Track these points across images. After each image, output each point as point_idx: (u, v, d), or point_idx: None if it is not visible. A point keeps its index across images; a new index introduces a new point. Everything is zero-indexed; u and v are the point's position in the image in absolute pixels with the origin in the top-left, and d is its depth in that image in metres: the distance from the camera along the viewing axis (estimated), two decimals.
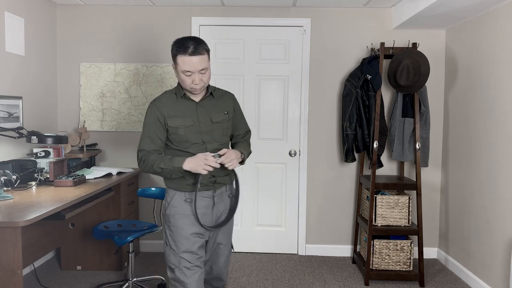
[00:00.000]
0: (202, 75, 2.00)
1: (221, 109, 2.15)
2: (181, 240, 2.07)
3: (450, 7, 3.09)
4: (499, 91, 3.02)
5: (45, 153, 3.15)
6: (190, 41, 1.99)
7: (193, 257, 2.07)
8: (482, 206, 3.23)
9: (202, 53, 1.98)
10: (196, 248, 2.08)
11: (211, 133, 2.11)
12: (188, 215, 2.09)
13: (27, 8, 3.43)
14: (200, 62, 1.97)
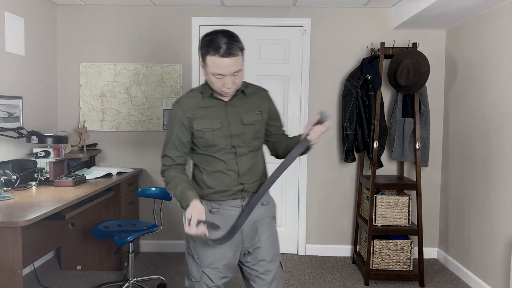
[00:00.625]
0: (235, 77, 1.73)
1: (253, 109, 1.87)
2: (204, 253, 1.87)
3: (450, 7, 3.09)
4: (499, 91, 3.02)
5: (45, 153, 3.15)
6: (223, 38, 1.68)
7: (216, 275, 1.85)
8: (482, 206, 3.23)
9: (236, 54, 1.68)
10: (222, 265, 1.85)
11: (242, 137, 1.84)
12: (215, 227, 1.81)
13: (27, 8, 3.43)
14: (233, 65, 1.69)
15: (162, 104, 3.96)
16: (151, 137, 4.00)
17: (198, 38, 3.92)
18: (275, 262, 1.93)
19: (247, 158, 1.86)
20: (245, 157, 1.85)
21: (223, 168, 1.83)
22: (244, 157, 1.85)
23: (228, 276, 1.90)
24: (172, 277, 3.46)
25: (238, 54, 1.70)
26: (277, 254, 1.95)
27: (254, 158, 1.89)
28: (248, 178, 1.85)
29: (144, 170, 4.01)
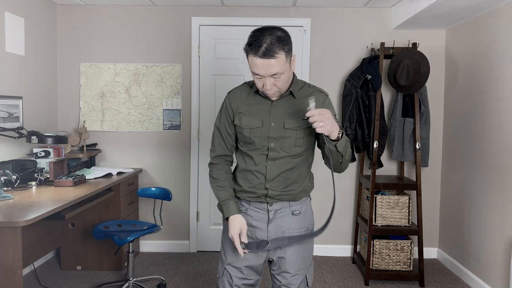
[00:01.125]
0: (276, 79, 1.63)
1: (300, 113, 1.72)
2: (228, 250, 1.85)
3: (450, 7, 3.09)
4: (499, 91, 3.02)
5: (45, 153, 3.15)
6: (265, 37, 1.57)
7: (238, 274, 1.83)
8: (482, 206, 3.23)
9: (276, 56, 1.57)
10: (243, 266, 1.82)
11: (281, 141, 1.74)
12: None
13: (27, 8, 3.43)
14: (271, 66, 1.58)
15: (162, 104, 3.96)
16: (151, 137, 4.00)
17: (198, 38, 3.92)
18: (299, 276, 1.84)
19: (281, 164, 1.76)
20: (278, 162, 1.76)
21: (253, 168, 1.79)
22: (276, 162, 1.76)
23: (250, 279, 1.86)
24: (172, 277, 3.46)
25: (278, 56, 1.57)
26: (303, 269, 1.85)
27: (290, 165, 1.77)
28: (276, 185, 1.77)
29: (144, 170, 4.01)
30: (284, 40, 1.60)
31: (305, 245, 1.87)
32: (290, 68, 1.66)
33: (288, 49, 1.61)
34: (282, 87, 1.68)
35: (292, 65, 1.68)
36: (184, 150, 4.00)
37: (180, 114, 3.97)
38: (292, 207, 1.82)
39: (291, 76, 1.69)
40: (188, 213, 4.04)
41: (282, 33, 1.62)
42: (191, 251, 4.05)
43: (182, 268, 3.65)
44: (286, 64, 1.62)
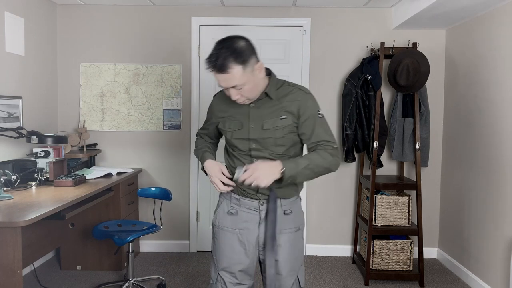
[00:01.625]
0: (239, 90, 1.65)
1: (278, 113, 1.74)
2: (221, 256, 1.85)
3: (450, 7, 3.09)
4: (499, 91, 3.02)
5: (45, 153, 3.14)
6: (221, 51, 1.59)
7: (232, 279, 1.83)
8: (482, 206, 3.23)
9: (229, 71, 1.59)
10: (237, 271, 1.83)
11: (262, 142, 1.76)
12: (231, 229, 1.84)
13: (27, 8, 3.43)
14: (229, 80, 1.61)
15: (162, 104, 3.96)
16: (151, 137, 4.00)
17: (198, 38, 3.92)
18: (291, 277, 1.83)
19: None
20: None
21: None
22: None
23: (244, 284, 1.87)
24: (172, 277, 3.46)
25: (232, 70, 1.58)
26: (294, 269, 1.85)
27: None
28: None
29: (144, 170, 4.01)
30: (240, 53, 1.59)
31: (296, 246, 1.87)
32: (254, 77, 1.66)
33: (244, 61, 1.60)
34: (249, 96, 1.70)
35: (260, 73, 1.69)
36: (184, 150, 4.00)
37: (180, 114, 3.97)
38: (284, 206, 1.82)
39: (258, 83, 1.70)
40: (188, 213, 4.04)
41: (241, 44, 1.62)
42: (191, 251, 4.05)
43: (182, 268, 3.65)
44: (245, 75, 1.62)
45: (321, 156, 1.71)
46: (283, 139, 1.76)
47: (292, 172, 1.65)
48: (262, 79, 1.72)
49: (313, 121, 1.76)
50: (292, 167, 1.65)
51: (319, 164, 1.70)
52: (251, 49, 1.64)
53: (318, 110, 1.78)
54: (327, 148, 1.74)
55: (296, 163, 1.67)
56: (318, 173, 1.72)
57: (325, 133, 1.77)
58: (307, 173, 1.69)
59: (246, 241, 1.82)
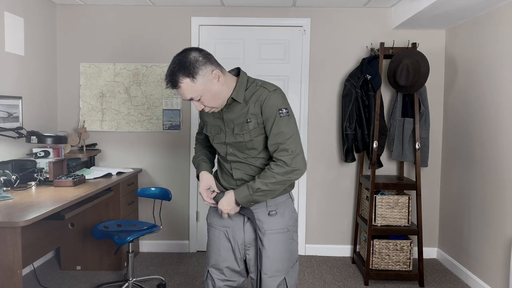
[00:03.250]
0: (198, 101, 1.68)
1: (245, 116, 1.72)
2: (210, 253, 1.91)
3: (450, 7, 3.09)
4: (499, 91, 3.02)
5: (44, 153, 3.14)
6: (171, 66, 1.62)
7: (220, 276, 1.86)
8: (482, 206, 3.23)
9: (178, 85, 1.62)
10: (225, 267, 1.86)
11: (236, 146, 1.77)
12: (218, 227, 1.88)
13: (26, 8, 3.43)
14: (183, 93, 1.64)
15: (161, 104, 3.96)
16: (151, 137, 4.00)
17: (198, 38, 3.92)
18: (276, 278, 1.80)
19: (243, 166, 1.80)
20: (240, 165, 1.81)
21: (225, 170, 1.87)
22: (239, 165, 1.81)
23: (234, 280, 1.88)
24: (172, 277, 3.46)
25: (181, 84, 1.60)
26: (280, 271, 1.81)
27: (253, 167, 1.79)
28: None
29: (144, 170, 4.01)
30: (187, 66, 1.59)
31: (283, 247, 1.82)
32: (212, 85, 1.64)
33: (192, 73, 1.60)
34: (212, 104, 1.69)
35: (218, 81, 1.66)
36: (184, 150, 4.00)
37: (179, 114, 3.97)
38: (269, 207, 1.80)
39: (218, 91, 1.67)
40: (188, 213, 4.04)
41: (191, 56, 1.61)
42: (191, 251, 4.05)
43: (182, 268, 3.65)
44: (197, 87, 1.62)
45: (272, 174, 1.68)
46: (252, 143, 1.74)
47: (245, 199, 1.71)
48: (222, 85, 1.68)
49: (272, 121, 1.69)
50: (244, 195, 1.70)
51: (271, 182, 1.69)
52: (202, 60, 1.62)
53: (281, 109, 1.69)
54: (278, 162, 1.69)
55: (249, 188, 1.70)
56: (276, 189, 1.72)
57: (282, 136, 1.68)
58: (262, 194, 1.70)
59: (232, 239, 1.85)
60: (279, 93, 1.73)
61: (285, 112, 1.69)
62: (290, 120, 1.71)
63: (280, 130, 1.69)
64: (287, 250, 1.83)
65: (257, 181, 1.70)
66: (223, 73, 1.70)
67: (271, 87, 1.73)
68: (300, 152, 1.72)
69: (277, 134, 1.69)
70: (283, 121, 1.69)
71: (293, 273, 1.87)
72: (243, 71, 1.79)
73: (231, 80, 1.73)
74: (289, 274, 1.84)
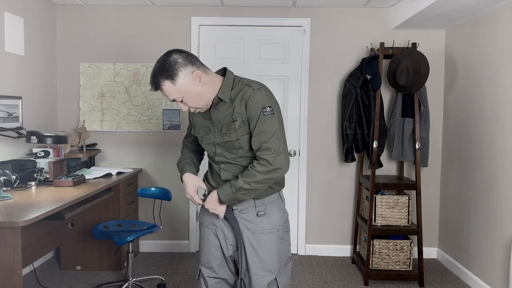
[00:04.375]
0: (181, 102, 1.70)
1: (231, 115, 1.72)
2: (201, 252, 1.92)
3: (450, 7, 3.09)
4: (499, 91, 3.02)
5: (44, 153, 3.14)
6: (154, 68, 1.67)
7: (211, 274, 1.88)
8: (482, 206, 3.23)
9: (160, 87, 1.65)
10: (215, 265, 1.87)
11: (224, 145, 1.78)
12: (208, 226, 1.88)
13: (26, 8, 3.43)
14: (166, 95, 1.68)
15: (161, 104, 3.96)
16: (151, 137, 4.00)
17: (198, 38, 3.92)
18: (266, 278, 1.79)
19: (230, 167, 1.80)
20: (228, 166, 1.80)
21: (214, 171, 1.88)
22: (226, 165, 1.80)
23: (225, 279, 1.89)
24: (172, 277, 3.46)
25: (162, 86, 1.64)
26: (270, 271, 1.80)
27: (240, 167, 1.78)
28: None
29: (144, 170, 4.01)
30: (167, 68, 1.62)
31: (271, 247, 1.81)
32: (194, 86, 1.66)
33: (172, 75, 1.62)
34: (197, 105, 1.71)
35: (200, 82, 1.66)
36: None
37: (179, 114, 3.97)
38: (258, 207, 1.80)
39: (201, 92, 1.68)
40: (188, 213, 4.04)
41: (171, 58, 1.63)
42: (190, 251, 4.05)
43: (182, 268, 3.65)
44: (178, 88, 1.64)
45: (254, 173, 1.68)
46: (239, 142, 1.73)
47: (228, 197, 1.72)
48: (204, 86, 1.68)
49: (256, 120, 1.69)
50: (227, 193, 1.71)
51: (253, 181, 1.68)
52: (181, 61, 1.64)
53: (265, 107, 1.68)
54: (260, 161, 1.68)
55: (232, 187, 1.70)
56: (259, 188, 1.71)
57: (265, 135, 1.68)
58: (245, 192, 1.70)
59: (221, 237, 1.85)
60: (264, 91, 1.72)
61: (269, 110, 1.69)
62: (273, 118, 1.70)
63: (263, 129, 1.68)
64: (277, 250, 1.82)
65: (240, 180, 1.69)
66: (207, 74, 1.70)
67: (256, 85, 1.73)
68: (283, 151, 1.71)
69: (260, 132, 1.68)
70: (267, 119, 1.68)
71: (285, 273, 1.86)
72: (229, 71, 1.78)
73: (216, 80, 1.73)
74: (280, 274, 1.84)
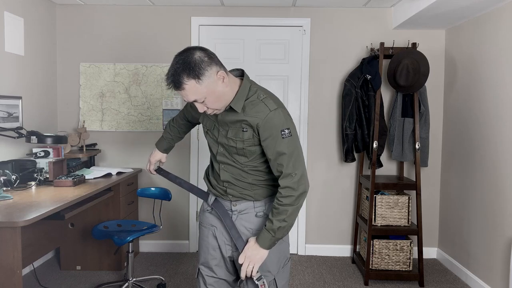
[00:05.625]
0: (202, 103, 1.61)
1: (241, 124, 1.67)
2: (200, 251, 1.91)
3: (450, 7, 3.09)
4: (499, 91, 3.02)
5: (44, 153, 3.14)
6: (174, 66, 1.55)
7: (210, 273, 1.86)
8: (482, 206, 3.23)
9: (183, 87, 1.54)
10: (214, 265, 1.85)
11: (227, 148, 1.74)
12: (207, 226, 1.87)
13: (26, 8, 3.43)
14: (187, 95, 1.57)
15: (161, 104, 3.96)
16: (151, 137, 3.99)
17: (198, 38, 3.92)
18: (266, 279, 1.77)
19: (231, 169, 1.77)
20: (228, 167, 1.77)
21: (215, 169, 1.85)
22: (227, 167, 1.77)
23: (223, 279, 1.88)
24: (172, 277, 3.46)
25: (185, 86, 1.53)
26: (269, 271, 1.78)
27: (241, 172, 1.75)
28: (232, 186, 1.78)
29: (144, 170, 4.01)
30: (193, 67, 1.52)
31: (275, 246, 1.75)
32: (217, 87, 1.57)
33: (198, 75, 1.52)
34: (215, 107, 1.63)
35: (223, 83, 1.59)
36: (184, 150, 4.00)
37: None
38: (257, 208, 1.78)
39: (223, 93, 1.60)
40: (187, 213, 4.04)
41: (195, 56, 1.53)
42: (190, 251, 4.05)
43: (182, 268, 3.65)
44: (202, 89, 1.54)
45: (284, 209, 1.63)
46: (244, 151, 1.69)
47: (270, 242, 1.68)
48: (226, 87, 1.62)
49: (273, 143, 1.63)
50: (268, 239, 1.66)
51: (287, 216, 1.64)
52: (207, 60, 1.55)
53: (283, 130, 1.62)
54: (284, 191, 1.63)
55: (270, 231, 1.65)
56: (293, 219, 1.67)
57: (284, 159, 1.63)
58: (284, 229, 1.66)
59: (219, 238, 1.84)
60: (280, 112, 1.65)
61: (287, 132, 1.63)
62: (291, 140, 1.64)
63: (282, 152, 1.63)
64: (276, 251, 1.78)
65: (275, 221, 1.64)
66: (228, 75, 1.64)
67: (273, 105, 1.64)
68: (303, 172, 1.67)
69: (279, 156, 1.64)
70: (284, 142, 1.63)
71: (284, 273, 1.85)
72: (246, 75, 1.71)
73: (234, 82, 1.68)
74: (279, 274, 1.82)
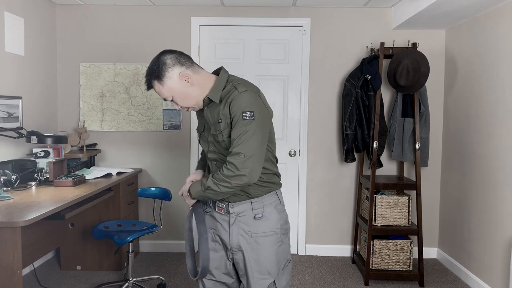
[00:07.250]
0: (172, 101, 1.76)
1: (218, 116, 1.72)
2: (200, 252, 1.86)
3: (450, 7, 3.09)
4: (499, 91, 3.02)
5: (44, 153, 3.14)
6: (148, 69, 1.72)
7: (209, 276, 1.87)
8: (482, 206, 3.23)
9: (152, 86, 1.72)
10: (213, 268, 1.85)
11: (215, 144, 1.78)
12: (208, 229, 1.87)
13: (26, 8, 3.43)
14: (158, 94, 1.75)
15: (161, 104, 3.96)
16: (151, 137, 4.00)
17: (198, 38, 3.92)
18: (265, 281, 1.78)
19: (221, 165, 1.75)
20: (219, 164, 1.77)
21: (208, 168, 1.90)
22: (219, 164, 1.78)
23: (223, 282, 1.88)
24: (172, 277, 3.46)
25: (154, 86, 1.71)
26: (269, 274, 1.78)
27: None
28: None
29: (144, 170, 4.01)
30: (156, 69, 1.68)
31: (269, 250, 1.78)
32: (181, 87, 1.70)
33: (159, 76, 1.68)
34: (186, 104, 1.76)
35: (187, 82, 1.70)
36: (184, 150, 4.00)
37: (179, 114, 3.97)
38: (255, 210, 1.77)
39: (189, 92, 1.72)
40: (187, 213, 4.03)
41: (160, 59, 1.69)
42: None
43: (182, 268, 3.65)
44: (166, 88, 1.70)
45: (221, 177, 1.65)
46: (225, 143, 1.72)
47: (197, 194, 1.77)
48: (192, 86, 1.71)
49: (234, 124, 1.65)
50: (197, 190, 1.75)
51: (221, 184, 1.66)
52: (169, 62, 1.68)
53: (245, 111, 1.63)
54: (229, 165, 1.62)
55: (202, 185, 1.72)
56: (226, 192, 1.68)
57: (240, 139, 1.62)
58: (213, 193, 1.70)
59: (219, 240, 1.84)
60: (248, 94, 1.66)
61: (249, 115, 1.63)
62: (252, 123, 1.63)
63: (240, 133, 1.63)
64: (276, 253, 1.79)
65: (210, 179, 1.69)
66: (198, 73, 1.73)
67: (242, 87, 1.68)
68: (254, 157, 1.62)
69: (236, 137, 1.64)
70: (244, 124, 1.63)
71: (284, 275, 1.84)
72: (224, 70, 1.79)
73: (208, 80, 1.75)
74: (279, 276, 1.81)
